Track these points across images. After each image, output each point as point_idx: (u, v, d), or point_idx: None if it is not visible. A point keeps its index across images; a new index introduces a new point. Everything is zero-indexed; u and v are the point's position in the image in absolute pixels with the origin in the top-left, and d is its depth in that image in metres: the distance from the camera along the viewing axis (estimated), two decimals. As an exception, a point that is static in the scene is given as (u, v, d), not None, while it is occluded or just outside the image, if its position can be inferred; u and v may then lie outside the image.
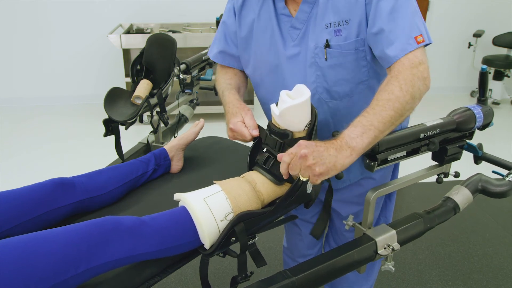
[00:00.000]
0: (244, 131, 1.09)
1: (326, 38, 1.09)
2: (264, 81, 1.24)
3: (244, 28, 1.22)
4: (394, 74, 1.00)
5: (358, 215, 1.31)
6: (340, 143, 0.91)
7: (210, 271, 0.99)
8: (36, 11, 4.34)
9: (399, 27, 1.02)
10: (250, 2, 1.20)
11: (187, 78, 1.89)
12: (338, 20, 1.08)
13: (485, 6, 4.87)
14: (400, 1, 1.02)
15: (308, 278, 0.92)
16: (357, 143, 0.92)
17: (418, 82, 0.99)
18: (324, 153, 0.89)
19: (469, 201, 1.19)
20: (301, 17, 1.12)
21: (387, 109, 0.95)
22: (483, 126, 1.27)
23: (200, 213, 0.92)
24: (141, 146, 1.58)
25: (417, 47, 1.01)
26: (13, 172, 3.19)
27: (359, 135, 0.92)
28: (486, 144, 1.41)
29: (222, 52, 1.31)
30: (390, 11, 1.02)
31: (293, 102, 0.96)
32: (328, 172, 0.90)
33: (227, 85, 1.26)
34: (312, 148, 0.89)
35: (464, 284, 2.15)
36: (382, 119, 0.94)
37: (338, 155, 0.90)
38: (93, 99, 4.61)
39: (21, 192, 1.01)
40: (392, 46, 1.02)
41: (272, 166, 1.02)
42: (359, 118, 0.95)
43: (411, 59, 1.01)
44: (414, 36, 1.01)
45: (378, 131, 0.94)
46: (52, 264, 0.79)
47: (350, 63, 1.11)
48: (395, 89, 0.97)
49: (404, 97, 0.96)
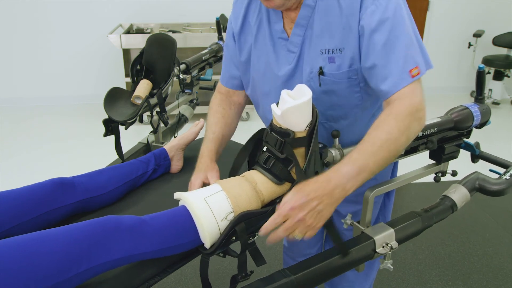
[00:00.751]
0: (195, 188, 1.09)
1: (320, 65, 1.09)
2: (262, 103, 1.25)
3: (244, 53, 1.22)
4: (393, 112, 0.97)
5: (357, 214, 1.31)
6: (335, 184, 0.89)
7: (210, 271, 0.99)
8: (36, 11, 4.35)
9: (392, 61, 0.99)
10: (247, 27, 1.20)
11: (187, 78, 1.89)
12: (333, 48, 1.06)
13: (485, 6, 4.87)
14: (394, 32, 0.99)
15: (307, 276, 0.93)
16: (351, 185, 0.91)
17: (414, 124, 0.98)
18: (320, 206, 0.88)
19: (467, 200, 1.20)
20: (295, 40, 1.12)
21: (384, 150, 0.93)
22: (480, 124, 1.28)
23: (200, 213, 0.92)
24: (141, 146, 1.58)
25: (411, 81, 0.99)
26: (13, 172, 3.19)
27: (355, 175, 0.91)
28: (486, 144, 1.41)
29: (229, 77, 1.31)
30: (383, 44, 0.99)
31: (294, 103, 0.96)
32: (325, 220, 0.90)
33: (210, 133, 1.24)
34: (307, 207, 0.87)
35: (464, 284, 2.15)
36: (377, 161, 0.93)
37: (331, 201, 0.89)
38: (93, 99, 4.61)
39: (21, 192, 1.01)
40: (385, 81, 1.01)
41: (272, 165, 1.02)
42: (356, 156, 0.93)
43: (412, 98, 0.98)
44: (408, 70, 0.99)
45: (371, 173, 0.93)
46: (53, 263, 0.79)
47: (343, 90, 1.11)
48: (393, 130, 0.95)
49: (400, 139, 0.95)
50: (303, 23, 1.09)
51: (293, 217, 0.87)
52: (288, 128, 1.00)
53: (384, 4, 0.99)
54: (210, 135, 1.24)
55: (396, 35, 0.99)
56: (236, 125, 1.35)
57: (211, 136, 1.23)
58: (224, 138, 1.26)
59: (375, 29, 0.99)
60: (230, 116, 1.30)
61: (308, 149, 1.00)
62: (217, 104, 1.30)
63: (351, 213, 1.18)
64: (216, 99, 1.32)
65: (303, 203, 0.87)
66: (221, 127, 1.26)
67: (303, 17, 1.09)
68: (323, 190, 0.88)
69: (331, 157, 1.12)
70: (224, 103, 1.30)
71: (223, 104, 1.30)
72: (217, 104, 1.31)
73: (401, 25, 1.00)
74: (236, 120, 1.34)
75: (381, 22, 0.99)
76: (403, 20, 1.00)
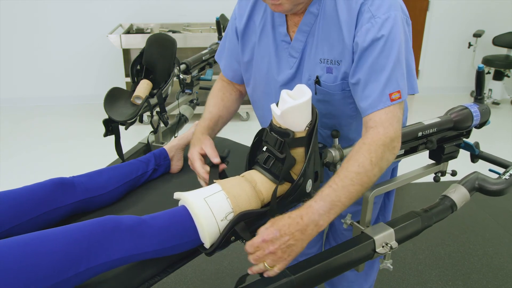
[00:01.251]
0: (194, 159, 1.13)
1: (318, 74, 1.09)
2: (260, 103, 1.26)
3: (247, 53, 1.23)
4: (367, 142, 0.97)
5: (357, 214, 1.31)
6: (307, 221, 0.90)
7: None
8: (36, 11, 4.35)
9: (375, 81, 0.99)
10: (252, 26, 1.20)
11: (187, 78, 1.89)
12: (331, 58, 1.07)
13: (485, 6, 4.87)
14: (383, 53, 0.98)
15: (307, 276, 0.93)
16: (324, 220, 0.91)
17: (388, 153, 0.97)
18: (291, 241, 0.89)
19: (466, 199, 1.20)
20: (297, 45, 1.12)
21: (355, 184, 0.93)
22: (480, 124, 1.28)
23: (200, 213, 0.92)
24: (141, 146, 1.58)
25: (389, 104, 0.99)
26: (13, 172, 3.19)
27: (327, 211, 0.91)
28: (486, 144, 1.41)
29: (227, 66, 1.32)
30: (370, 63, 0.99)
31: (294, 103, 0.96)
32: (295, 256, 0.91)
33: (207, 113, 1.26)
34: (279, 241, 0.88)
35: (464, 284, 2.15)
36: (349, 195, 0.93)
37: (303, 237, 0.90)
38: (93, 99, 4.62)
39: (21, 192, 1.01)
40: (364, 100, 1.01)
41: (272, 165, 1.02)
42: (327, 191, 0.93)
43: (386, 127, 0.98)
44: (388, 93, 0.99)
45: (343, 207, 0.93)
46: (53, 263, 0.79)
47: (337, 101, 1.12)
48: (365, 162, 0.94)
49: (372, 171, 0.95)
50: (305, 29, 1.10)
51: (263, 249, 0.88)
52: (288, 128, 1.00)
53: (380, 22, 0.98)
54: (206, 115, 1.26)
55: (385, 55, 0.98)
56: (236, 109, 1.36)
57: (207, 116, 1.25)
58: (221, 119, 1.27)
59: (367, 47, 0.99)
60: (230, 100, 1.32)
61: (307, 149, 1.00)
62: (218, 89, 1.33)
63: (351, 213, 1.18)
64: (217, 85, 1.34)
65: (274, 237, 0.88)
66: (218, 108, 1.27)
67: (306, 23, 1.09)
68: (295, 226, 0.89)
69: (331, 157, 1.12)
70: (225, 89, 1.33)
71: (224, 89, 1.32)
72: (217, 89, 1.33)
73: (392, 47, 0.99)
74: (236, 105, 1.35)
75: (373, 41, 0.99)
76: (396, 42, 0.99)
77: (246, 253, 0.92)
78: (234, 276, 2.14)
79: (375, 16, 0.99)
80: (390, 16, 0.99)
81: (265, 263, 0.89)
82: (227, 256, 2.29)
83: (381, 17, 0.99)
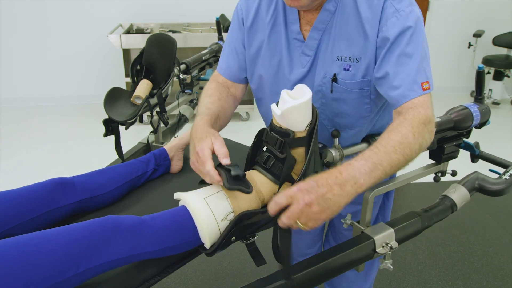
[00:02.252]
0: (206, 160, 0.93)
1: (335, 71, 1.08)
2: (266, 100, 1.24)
3: (253, 47, 1.20)
4: (408, 118, 0.96)
5: (357, 214, 1.31)
6: (347, 177, 0.85)
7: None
8: (36, 11, 4.35)
9: (405, 71, 0.99)
10: (260, 22, 1.18)
11: (187, 78, 1.89)
12: (350, 56, 1.06)
13: (485, 6, 4.87)
14: (412, 43, 0.99)
15: (307, 276, 0.93)
16: (364, 180, 0.86)
17: (427, 135, 0.97)
18: (328, 194, 0.82)
19: (466, 199, 1.20)
20: (311, 44, 1.11)
21: (398, 153, 0.91)
22: (480, 124, 1.28)
23: (200, 213, 0.92)
24: (141, 146, 1.58)
25: (422, 93, 0.99)
26: (13, 172, 3.19)
27: (368, 172, 0.87)
28: (486, 144, 1.41)
29: (229, 67, 1.27)
30: (398, 54, 1.00)
31: (294, 102, 0.96)
32: (333, 214, 0.84)
33: (205, 109, 1.13)
34: (316, 192, 0.82)
35: (464, 284, 2.15)
36: (391, 162, 0.90)
37: (342, 193, 0.83)
38: (93, 99, 4.62)
39: (21, 192, 1.01)
40: (396, 90, 1.00)
41: (272, 165, 1.02)
42: (369, 153, 0.90)
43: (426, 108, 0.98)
44: (420, 82, 0.99)
45: (384, 173, 0.89)
46: (53, 263, 0.79)
47: (353, 100, 1.11)
48: (409, 134, 0.93)
49: (414, 145, 0.93)
50: (321, 27, 1.09)
51: (299, 200, 0.81)
52: (288, 128, 1.00)
53: (404, 15, 1.00)
54: (205, 110, 1.12)
55: (413, 46, 1.00)
56: (230, 115, 1.24)
57: (206, 111, 1.12)
58: (218, 119, 1.14)
59: (394, 39, 1.00)
60: (227, 102, 1.22)
61: (308, 149, 1.00)
62: (214, 88, 1.23)
63: (350, 213, 1.18)
64: (212, 84, 1.25)
65: (312, 186, 0.82)
66: (217, 107, 1.16)
67: (321, 21, 1.08)
68: (334, 180, 0.84)
69: (331, 157, 1.12)
70: (222, 89, 1.24)
71: (220, 89, 1.23)
72: (213, 88, 1.23)
73: (419, 37, 1.01)
74: (231, 109, 1.24)
75: (400, 33, 1.00)
76: (421, 34, 1.01)
77: (246, 253, 0.92)
78: (234, 276, 2.14)
79: (399, 10, 1.00)
80: (414, 10, 1.01)
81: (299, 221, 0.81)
82: (227, 256, 2.29)
83: (405, 10, 1.00)
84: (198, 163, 0.97)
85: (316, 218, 0.82)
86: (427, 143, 0.98)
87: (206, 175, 0.95)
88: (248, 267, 2.17)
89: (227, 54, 1.27)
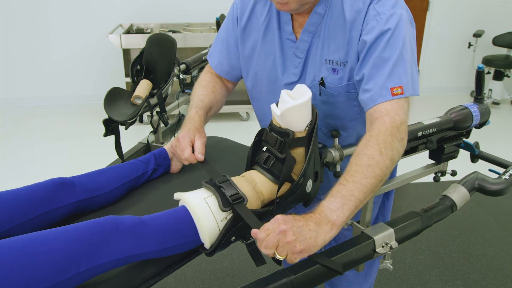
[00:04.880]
0: (186, 148, 1.10)
1: (322, 75, 1.09)
2: (262, 98, 1.25)
3: (247, 47, 1.22)
4: (374, 134, 0.95)
5: (357, 214, 1.31)
6: (320, 217, 0.86)
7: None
8: (36, 11, 4.35)
9: (378, 75, 0.98)
10: (254, 22, 1.19)
11: (187, 78, 1.89)
12: (337, 59, 1.06)
13: (485, 6, 4.87)
14: (387, 48, 0.98)
15: (307, 276, 0.93)
16: (337, 216, 0.87)
17: (397, 144, 0.95)
18: (304, 228, 0.84)
19: (466, 199, 1.20)
20: (302, 46, 1.12)
21: (368, 177, 0.90)
22: (480, 124, 1.28)
23: (200, 213, 0.92)
24: (141, 146, 1.58)
25: (390, 98, 0.97)
26: (13, 172, 3.19)
27: (339, 207, 0.87)
28: (486, 144, 1.41)
29: (223, 62, 1.30)
30: (374, 58, 0.99)
31: (294, 103, 0.96)
32: (309, 249, 0.84)
33: (198, 102, 1.22)
34: (291, 222, 0.83)
35: (464, 284, 2.15)
36: (362, 188, 0.89)
37: (318, 230, 0.85)
38: (93, 99, 4.62)
39: (21, 192, 1.01)
40: (365, 93, 1.00)
41: (272, 165, 1.02)
42: (338, 188, 0.90)
43: (392, 116, 0.96)
44: (389, 87, 0.97)
45: (358, 201, 0.89)
46: (53, 263, 0.79)
47: (341, 103, 1.11)
48: (375, 153, 0.92)
49: (384, 162, 0.92)
50: (311, 29, 1.09)
51: (275, 229, 0.83)
52: (287, 128, 1.00)
53: (385, 19, 0.99)
54: (199, 103, 1.22)
55: (389, 50, 0.98)
56: (222, 105, 1.34)
57: (201, 104, 1.22)
58: (211, 111, 1.25)
59: (372, 43, 1.00)
60: (220, 94, 1.30)
61: (307, 149, 1.00)
62: (209, 80, 1.29)
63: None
64: (207, 76, 1.31)
65: (288, 218, 0.85)
66: (210, 99, 1.25)
67: (312, 23, 1.09)
68: (309, 218, 0.86)
69: (331, 157, 1.12)
70: (216, 82, 1.30)
71: (214, 82, 1.30)
72: (208, 80, 1.29)
73: (396, 42, 0.99)
74: (223, 100, 1.34)
75: (378, 36, 0.99)
76: (400, 37, 0.99)
77: (246, 253, 0.92)
78: (234, 276, 2.14)
79: (380, 13, 1.00)
80: (395, 13, 1.00)
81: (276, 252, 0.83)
82: (227, 256, 2.29)
83: (386, 13, 1.00)
84: (176, 148, 1.14)
85: (292, 247, 0.82)
86: (399, 152, 0.96)
87: (185, 160, 1.13)
88: (248, 267, 2.17)
89: (219, 50, 1.29)
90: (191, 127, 1.15)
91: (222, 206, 0.92)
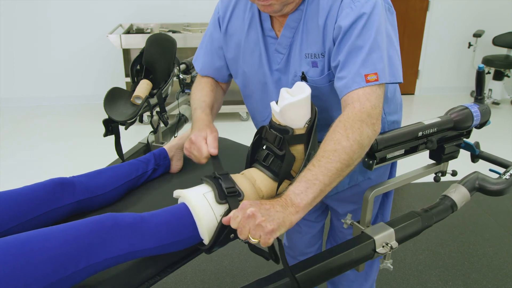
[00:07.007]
0: (202, 146, 1.07)
1: (303, 69, 1.08)
2: (254, 96, 1.25)
3: (232, 47, 1.21)
4: (342, 119, 0.95)
5: (356, 214, 1.31)
6: (285, 201, 0.88)
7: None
8: (36, 11, 4.35)
9: (352, 62, 0.98)
10: (236, 22, 1.19)
11: (187, 78, 1.89)
12: (315, 52, 1.06)
13: (485, 6, 4.87)
14: (362, 34, 0.98)
15: (307, 276, 0.93)
16: (301, 199, 0.88)
17: (366, 129, 0.94)
18: (271, 209, 0.85)
19: (467, 199, 1.20)
20: (284, 42, 1.12)
21: (333, 161, 0.90)
22: (480, 124, 1.28)
23: (199, 208, 0.92)
24: (141, 146, 1.58)
25: (364, 85, 0.97)
26: (13, 172, 3.19)
27: (303, 190, 0.88)
28: (486, 144, 1.41)
29: (207, 65, 1.29)
30: (349, 45, 0.99)
31: (293, 99, 0.96)
32: (279, 228, 0.84)
33: (201, 102, 1.22)
34: (258, 206, 0.85)
35: (464, 284, 2.15)
36: (327, 172, 0.90)
37: (284, 211, 0.86)
38: (93, 99, 4.62)
39: (21, 192, 1.01)
40: (340, 80, 1.00)
41: (271, 163, 1.03)
42: (304, 173, 0.91)
43: (363, 102, 0.96)
44: (363, 74, 0.97)
45: (323, 185, 0.90)
46: (52, 260, 0.79)
47: (326, 94, 1.11)
48: (341, 138, 0.92)
49: (351, 147, 0.92)
50: (293, 25, 1.09)
51: (244, 214, 0.84)
52: (287, 125, 1.00)
53: (359, 6, 0.99)
54: (202, 104, 1.22)
55: (363, 37, 0.98)
56: (221, 104, 1.34)
57: (203, 104, 1.22)
58: (213, 108, 1.24)
59: (347, 29, 0.99)
60: (218, 93, 1.30)
61: (307, 146, 1.00)
62: (205, 82, 1.29)
63: (351, 212, 1.18)
64: (203, 79, 1.31)
65: (255, 203, 0.87)
66: (211, 99, 1.24)
67: (294, 19, 1.09)
68: (275, 202, 0.88)
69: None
70: (211, 81, 1.30)
71: (210, 82, 1.30)
72: (204, 82, 1.29)
73: (371, 29, 0.98)
74: (222, 99, 1.33)
75: (353, 23, 0.99)
76: (374, 24, 0.99)
77: (246, 253, 0.92)
78: (234, 276, 2.14)
79: (355, 0, 0.99)
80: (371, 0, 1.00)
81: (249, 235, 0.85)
82: (227, 256, 2.29)
83: (360, 1, 0.99)
84: (192, 149, 1.10)
85: (263, 227, 0.83)
86: (369, 137, 0.96)
87: (204, 159, 1.08)
88: (248, 267, 2.17)
89: (203, 54, 1.29)
90: (201, 126, 1.13)
91: (218, 198, 0.94)
